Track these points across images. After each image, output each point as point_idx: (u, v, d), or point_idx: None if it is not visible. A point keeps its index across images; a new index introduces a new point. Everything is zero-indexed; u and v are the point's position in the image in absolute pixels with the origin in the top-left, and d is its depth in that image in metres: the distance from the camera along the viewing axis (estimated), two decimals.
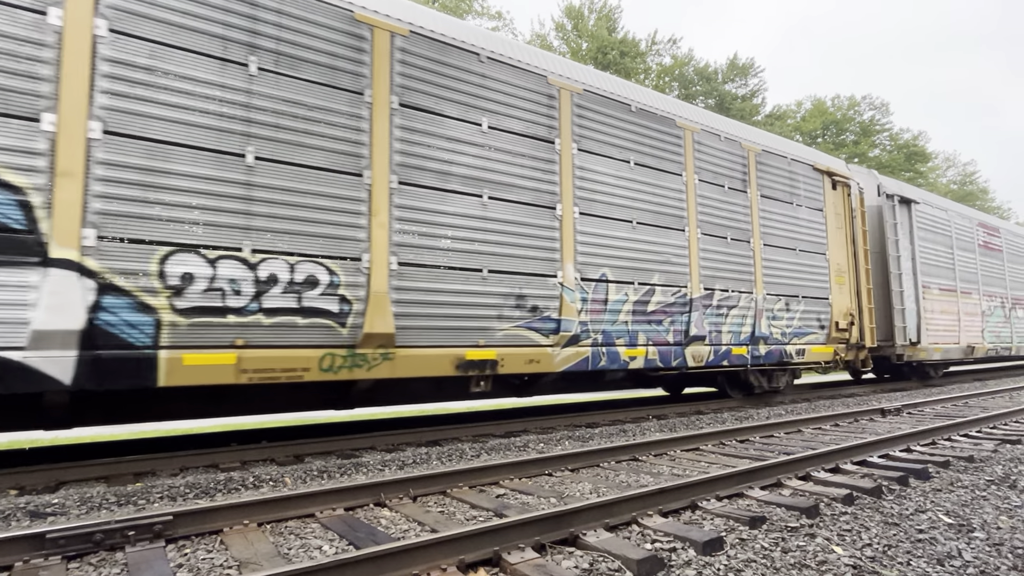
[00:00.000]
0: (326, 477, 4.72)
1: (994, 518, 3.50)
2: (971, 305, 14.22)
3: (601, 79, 7.72)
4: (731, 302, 8.54)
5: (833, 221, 10.39)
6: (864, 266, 10.86)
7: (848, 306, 10.28)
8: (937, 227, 13.51)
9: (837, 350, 10.02)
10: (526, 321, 6.41)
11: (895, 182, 12.85)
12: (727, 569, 2.66)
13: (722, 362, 8.33)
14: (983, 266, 15.07)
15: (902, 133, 36.65)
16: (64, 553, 2.82)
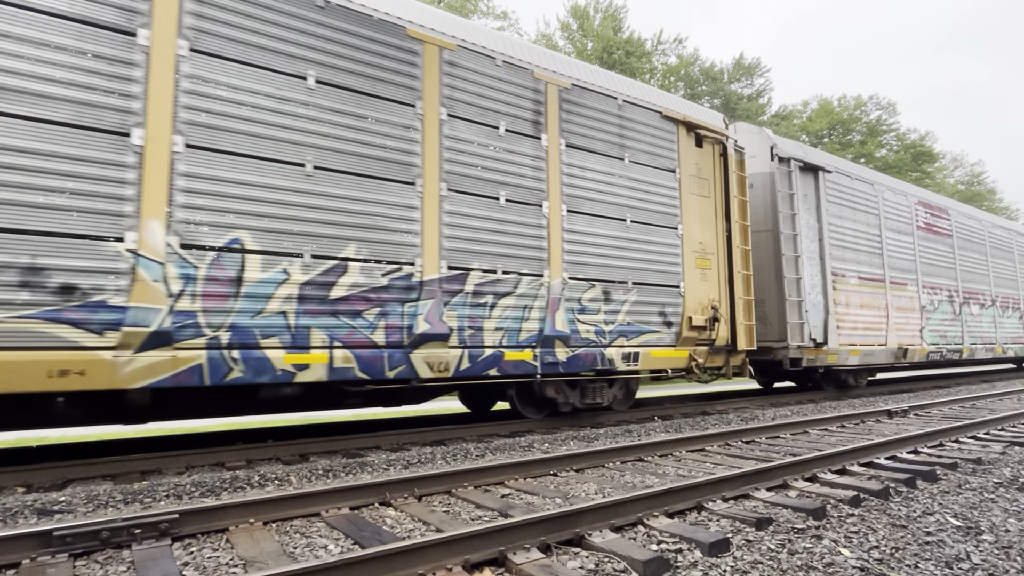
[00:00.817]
0: (331, 476, 4.73)
1: (1003, 521, 3.47)
2: (905, 299, 11.96)
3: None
4: (503, 288, 6.25)
5: (694, 187, 8.17)
6: (742, 247, 8.62)
7: (711, 297, 8.12)
8: (858, 202, 11.30)
9: (694, 354, 7.89)
10: (48, 310, 4.18)
11: (796, 144, 10.64)
12: (733, 570, 2.65)
13: (487, 371, 6.11)
14: (925, 252, 12.82)
15: (909, 133, 36.48)
16: (71, 551, 2.83)
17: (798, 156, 10.13)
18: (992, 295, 15.07)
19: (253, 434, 6.84)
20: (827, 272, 10.21)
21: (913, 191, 13.29)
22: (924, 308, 12.51)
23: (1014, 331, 16.03)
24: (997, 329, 15.09)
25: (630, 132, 7.61)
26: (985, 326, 14.61)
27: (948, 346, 13.13)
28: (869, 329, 10.98)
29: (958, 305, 13.72)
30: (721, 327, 8.19)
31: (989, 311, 14.88)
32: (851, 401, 10.35)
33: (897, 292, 11.81)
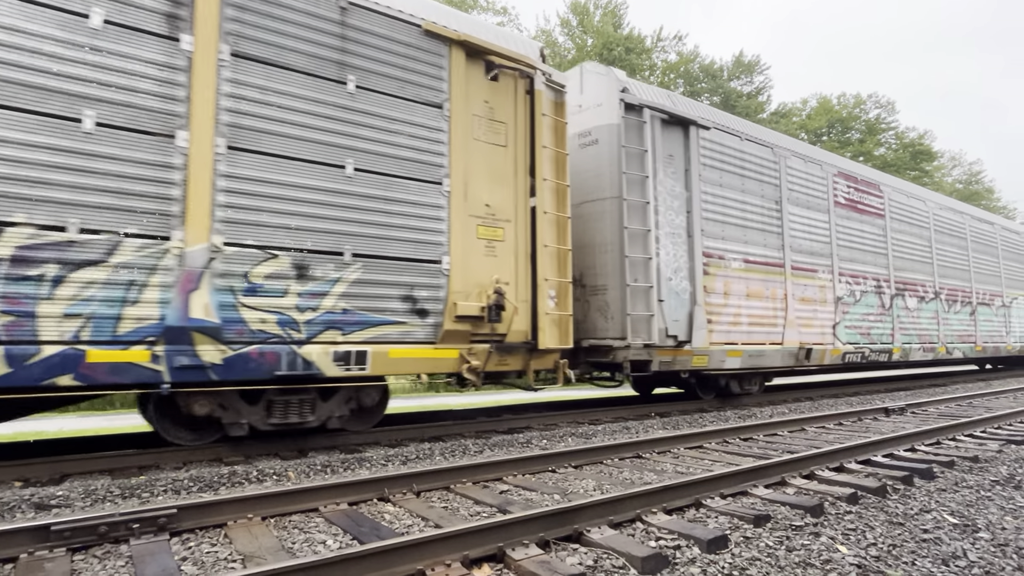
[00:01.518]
0: (330, 472, 4.73)
1: (999, 518, 3.49)
2: (813, 288, 9.95)
3: None
4: (81, 254, 4.29)
5: (479, 131, 6.20)
6: (556, 213, 6.74)
7: (497, 278, 6.12)
8: (749, 169, 9.20)
9: (468, 354, 5.95)
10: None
11: (659, 91, 8.57)
12: (731, 567, 2.66)
13: (50, 379, 4.13)
14: (845, 234, 10.80)
15: (908, 132, 36.48)
16: (69, 545, 2.83)
17: (658, 105, 8.07)
18: (935, 287, 13.04)
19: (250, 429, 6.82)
20: (696, 253, 8.20)
21: (832, 160, 11.18)
22: (841, 300, 10.42)
23: (963, 329, 13.82)
24: (941, 326, 13.03)
25: (359, 47, 5.58)
26: (925, 323, 12.53)
27: (873, 345, 11.05)
28: (758, 325, 8.94)
29: (888, 297, 11.57)
30: (516, 318, 6.24)
31: (931, 305, 12.82)
32: (848, 399, 10.35)
33: (802, 280, 9.75)
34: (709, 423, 7.33)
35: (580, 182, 8.05)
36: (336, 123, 5.45)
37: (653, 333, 7.56)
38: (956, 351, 13.50)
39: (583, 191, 8.12)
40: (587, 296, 8.07)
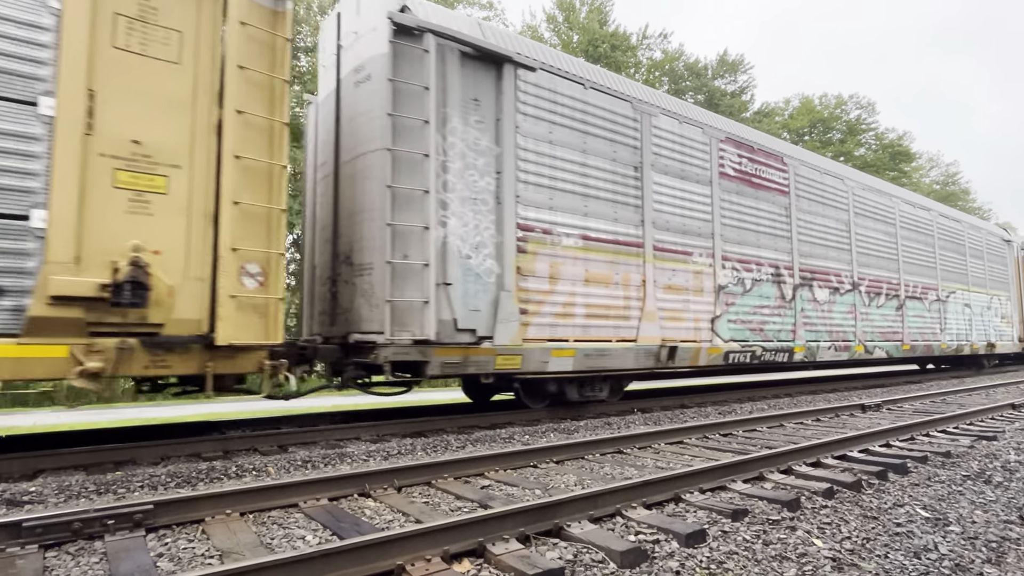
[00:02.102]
0: (310, 467, 4.70)
1: (969, 512, 3.57)
2: (685, 274, 8.28)
3: None
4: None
5: (130, 38, 4.57)
6: (269, 162, 5.11)
7: (142, 243, 4.48)
8: (593, 125, 7.46)
9: (83, 351, 4.23)
10: None
11: (460, 16, 7.03)
12: (709, 561, 2.69)
13: None
14: (733, 211, 9.01)
15: (887, 133, 37.04)
16: (41, 542, 2.78)
17: (452, 32, 6.29)
18: (853, 276, 11.43)
19: (230, 425, 6.76)
20: (507, 224, 6.52)
21: (719, 124, 9.33)
22: (724, 289, 8.73)
23: (887, 325, 12.23)
24: (859, 322, 11.39)
25: None
26: (838, 318, 10.92)
27: (767, 343, 9.28)
28: (602, 317, 7.27)
29: (790, 287, 9.90)
30: (180, 302, 4.61)
31: (847, 298, 11.20)
32: (826, 396, 10.49)
33: (669, 264, 8.04)
34: (690, 419, 7.40)
35: (355, 130, 6.62)
36: None
37: (428, 326, 5.86)
38: (878, 350, 11.88)
39: (358, 141, 6.54)
40: (353, 278, 6.46)
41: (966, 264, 15.59)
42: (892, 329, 12.45)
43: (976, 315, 15.74)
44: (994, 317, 16.67)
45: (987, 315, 16.27)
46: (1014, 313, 17.95)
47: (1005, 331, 17.26)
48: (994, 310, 16.73)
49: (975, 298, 15.75)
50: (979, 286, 16.00)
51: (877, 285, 12.15)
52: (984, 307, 16.14)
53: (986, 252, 16.66)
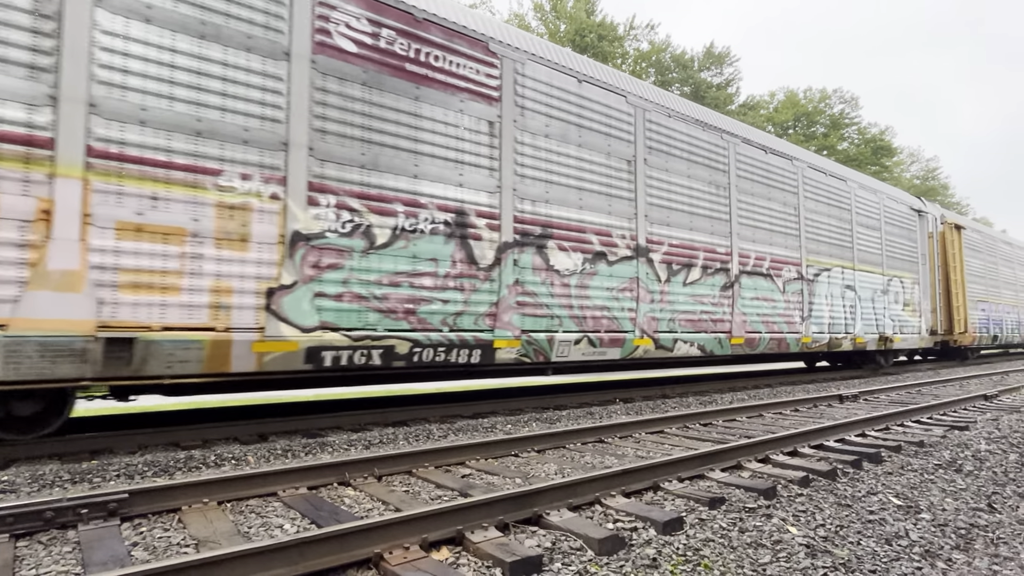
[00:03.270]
0: (290, 456, 4.67)
1: (940, 500, 3.64)
2: (185, 207, 4.72)
3: None
4: None
5: None
6: None
7: None
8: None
9: None
10: None
11: None
12: (686, 548, 2.72)
13: None
14: (337, 106, 5.55)
15: (870, 127, 37.46)
16: (12, 531, 2.73)
17: None
18: (639, 238, 7.92)
19: (211, 414, 6.69)
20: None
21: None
22: (306, 240, 5.30)
23: (704, 310, 8.76)
24: (643, 304, 7.89)
25: None
26: (600, 297, 7.46)
27: (424, 334, 5.94)
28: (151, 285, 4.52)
29: (492, 247, 6.49)
30: None
31: (621, 268, 7.71)
32: (805, 386, 10.64)
33: (140, 187, 4.58)
34: (671, 409, 7.46)
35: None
36: None
37: None
38: (682, 345, 8.34)
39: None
40: None
41: (852, 235, 12.11)
42: (713, 316, 8.91)
43: (865, 301, 12.28)
44: (893, 304, 13.18)
45: (882, 301, 12.83)
46: (923, 300, 14.40)
47: (909, 322, 13.75)
48: (893, 295, 13.16)
49: (864, 279, 12.33)
50: (871, 264, 12.58)
51: (686, 253, 8.61)
52: (877, 291, 12.66)
53: (885, 222, 13.14)
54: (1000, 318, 18.83)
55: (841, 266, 11.77)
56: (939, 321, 15.10)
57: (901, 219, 13.97)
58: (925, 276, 14.61)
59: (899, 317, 13.45)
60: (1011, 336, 19.74)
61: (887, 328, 12.96)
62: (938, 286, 15.23)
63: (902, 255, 13.84)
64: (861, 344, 12.08)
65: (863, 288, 12.32)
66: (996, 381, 11.22)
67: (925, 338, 14.40)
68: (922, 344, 14.33)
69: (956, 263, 15.98)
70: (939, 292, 15.41)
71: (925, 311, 14.50)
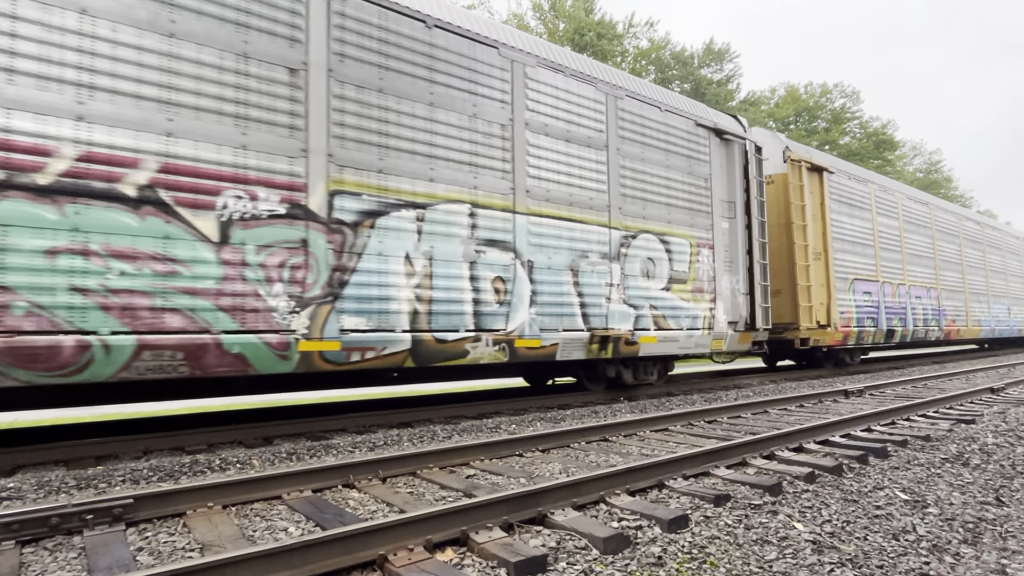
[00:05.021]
0: (295, 459, 4.67)
1: (947, 494, 3.62)
2: None
3: None
4: None
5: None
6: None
7: None
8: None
9: None
10: None
11: None
12: (691, 546, 2.71)
13: None
14: None
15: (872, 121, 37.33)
16: (18, 538, 2.74)
17: None
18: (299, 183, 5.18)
19: (215, 418, 6.71)
20: None
21: None
22: None
23: (415, 293, 5.85)
24: (274, 289, 5.03)
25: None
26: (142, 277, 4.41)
27: None
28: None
29: None
30: None
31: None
32: (810, 382, 10.62)
33: None
34: (675, 406, 7.45)
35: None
36: None
37: None
38: (356, 346, 5.45)
39: None
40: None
41: (510, 151, 6.85)
42: (450, 303, 6.14)
43: (546, 271, 7.00)
44: (641, 278, 8.00)
45: (606, 274, 7.59)
46: (723, 275, 9.10)
47: (684, 310, 8.48)
48: (642, 265, 8.04)
49: (550, 231, 7.12)
50: (574, 207, 7.37)
51: (391, 209, 5.80)
52: (593, 255, 7.50)
53: (621, 137, 8.01)
54: (899, 305, 13.42)
55: (471, 202, 6.42)
56: (763, 310, 9.55)
57: (674, 139, 8.62)
58: (735, 238, 9.37)
59: (659, 302, 8.14)
60: (920, 330, 14.02)
61: (621, 320, 7.63)
62: (757, 254, 9.58)
63: (675, 199, 8.52)
64: (534, 350, 6.81)
65: (543, 246, 7.00)
66: (1003, 374, 11.17)
67: (726, 336, 9.02)
68: (719, 346, 8.94)
69: (814, 223, 11.22)
70: (779, 266, 10.76)
71: (727, 292, 9.10)
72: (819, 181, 11.66)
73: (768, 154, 10.64)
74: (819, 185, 11.64)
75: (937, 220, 15.62)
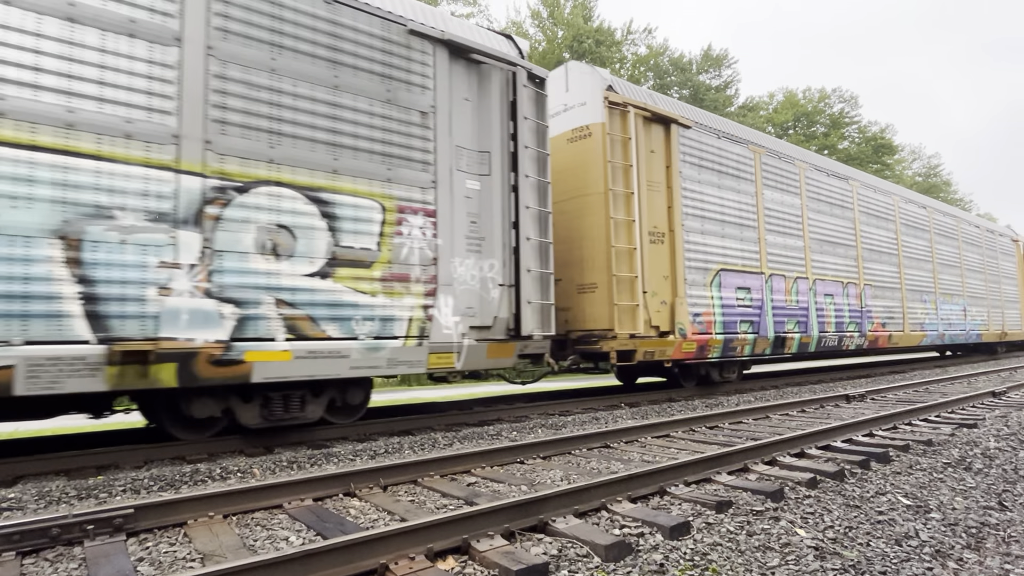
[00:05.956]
0: (296, 468, 4.66)
1: (950, 499, 3.61)
2: None
3: None
4: None
5: None
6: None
7: None
8: None
9: None
10: None
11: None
12: (693, 553, 2.70)
13: None
14: None
15: (870, 126, 37.42)
16: (19, 549, 2.74)
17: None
18: None
19: None
20: None
21: None
22: None
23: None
24: None
25: None
26: None
27: None
28: None
29: None
30: None
31: None
32: (812, 387, 10.60)
33: None
34: (676, 412, 7.44)
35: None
36: None
37: None
38: None
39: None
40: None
41: None
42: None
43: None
44: (270, 261, 5.21)
45: (194, 252, 4.81)
46: (456, 258, 6.33)
47: (368, 308, 5.70)
48: (295, 238, 5.36)
49: (99, 178, 4.46)
50: (134, 140, 4.64)
51: None
52: (157, 219, 4.69)
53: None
54: (798, 305, 10.47)
55: None
56: (538, 310, 6.79)
57: (350, 45, 5.83)
58: (491, 204, 6.62)
59: (302, 295, 5.35)
60: (831, 337, 11.11)
61: (195, 323, 4.81)
62: (529, 229, 6.81)
63: (351, 138, 5.76)
64: None
65: None
66: (1004, 378, 11.15)
67: (460, 348, 6.24)
68: (446, 362, 6.16)
69: (653, 192, 8.45)
70: (596, 250, 8.06)
71: (466, 283, 6.39)
72: (665, 137, 8.75)
73: (585, 96, 8.35)
74: (665, 142, 8.74)
75: (863, 200, 12.67)
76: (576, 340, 8.14)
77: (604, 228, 8.01)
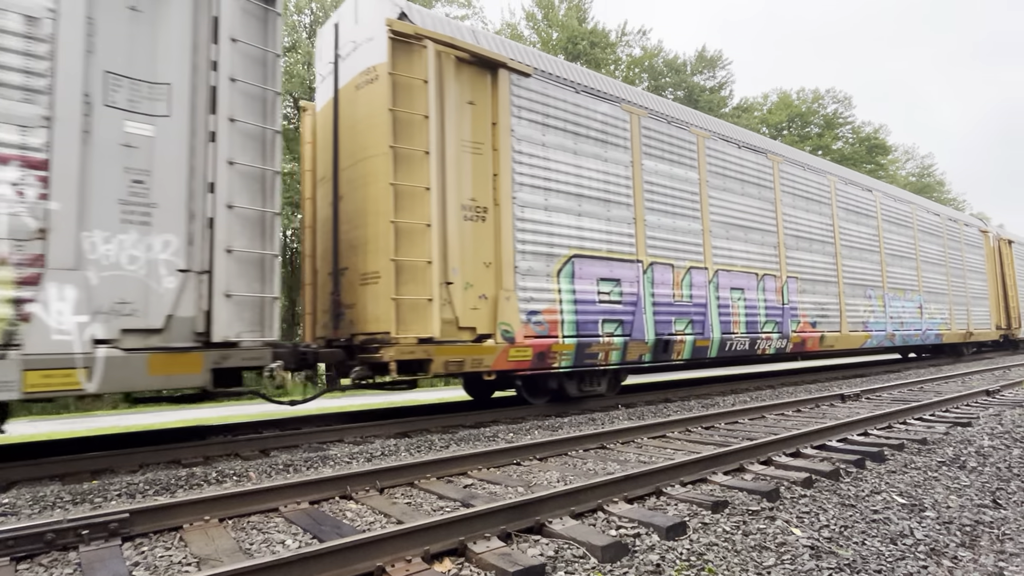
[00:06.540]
0: (292, 471, 4.65)
1: (944, 498, 3.63)
2: None
3: None
4: None
5: None
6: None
7: None
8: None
9: None
10: None
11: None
12: (689, 553, 2.70)
13: None
14: None
15: (864, 126, 37.57)
16: (13, 554, 2.72)
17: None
18: None
19: (211, 430, 6.68)
20: None
21: None
22: None
23: None
24: None
25: None
26: None
27: None
28: None
29: None
30: None
31: None
32: (807, 387, 10.63)
33: None
34: (673, 413, 7.45)
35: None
36: None
37: None
38: None
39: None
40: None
41: None
42: None
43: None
44: None
45: None
46: (89, 231, 4.33)
47: None
48: None
49: None
50: None
51: None
52: None
53: None
54: (691, 301, 8.69)
55: None
56: (236, 307, 5.04)
57: None
58: (168, 155, 4.80)
59: None
60: (741, 339, 9.33)
61: None
62: (227, 193, 5.02)
63: None
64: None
65: None
66: (998, 376, 11.21)
67: (92, 361, 4.29)
68: (61, 381, 4.17)
69: (469, 154, 6.68)
70: (380, 228, 6.30)
71: (111, 266, 4.50)
72: (493, 85, 6.90)
73: (373, 30, 6.50)
74: (492, 92, 6.89)
75: (787, 179, 10.78)
76: (360, 347, 6.33)
77: (387, 200, 6.11)
